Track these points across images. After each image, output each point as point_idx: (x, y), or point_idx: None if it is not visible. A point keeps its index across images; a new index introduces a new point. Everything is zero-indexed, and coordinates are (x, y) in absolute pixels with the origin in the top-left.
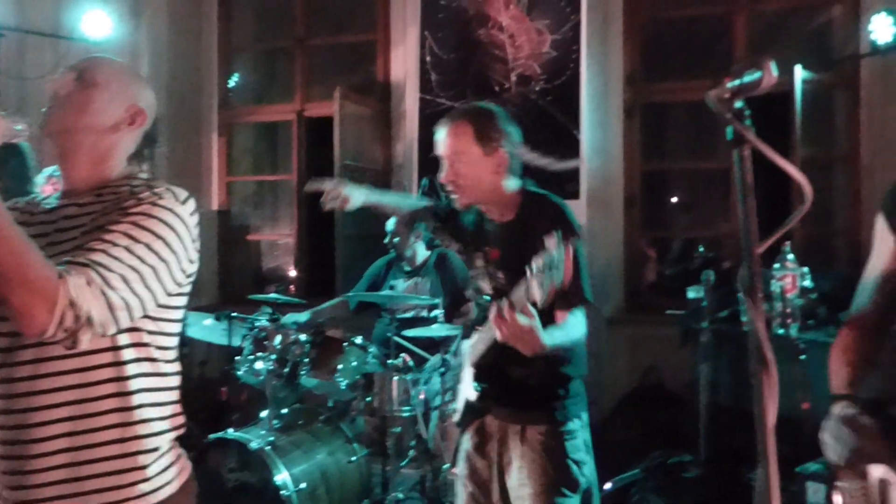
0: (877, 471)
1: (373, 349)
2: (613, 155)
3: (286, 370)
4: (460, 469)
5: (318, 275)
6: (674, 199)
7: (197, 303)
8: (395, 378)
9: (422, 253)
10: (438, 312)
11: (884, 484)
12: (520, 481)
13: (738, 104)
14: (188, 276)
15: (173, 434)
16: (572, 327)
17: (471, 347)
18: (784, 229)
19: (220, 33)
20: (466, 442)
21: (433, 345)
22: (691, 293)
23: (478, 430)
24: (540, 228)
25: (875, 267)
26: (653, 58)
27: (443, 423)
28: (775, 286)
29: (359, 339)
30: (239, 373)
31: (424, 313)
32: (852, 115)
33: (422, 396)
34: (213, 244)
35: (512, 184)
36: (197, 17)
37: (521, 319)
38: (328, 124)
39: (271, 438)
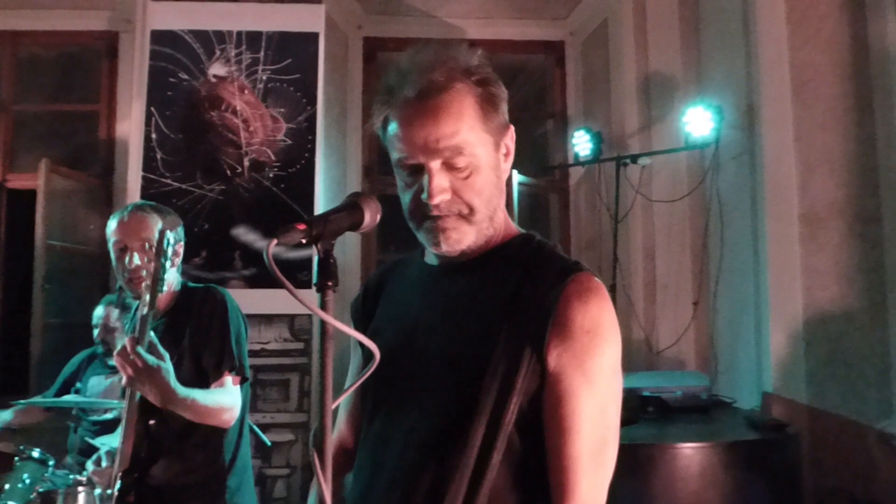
0: None
1: (57, 461)
2: (350, 245)
3: None
4: None
5: (11, 370)
6: None
7: None
8: (82, 494)
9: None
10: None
11: None
12: None
13: (327, 246)
14: None
15: None
16: (217, 392)
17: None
18: (360, 381)
19: None
20: None
21: None
22: None
23: None
24: (194, 319)
25: (351, 378)
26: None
27: None
28: None
29: (36, 452)
30: None
31: None
32: (563, 215)
33: None
34: None
35: (176, 277)
36: None
37: (149, 359)
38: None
39: None
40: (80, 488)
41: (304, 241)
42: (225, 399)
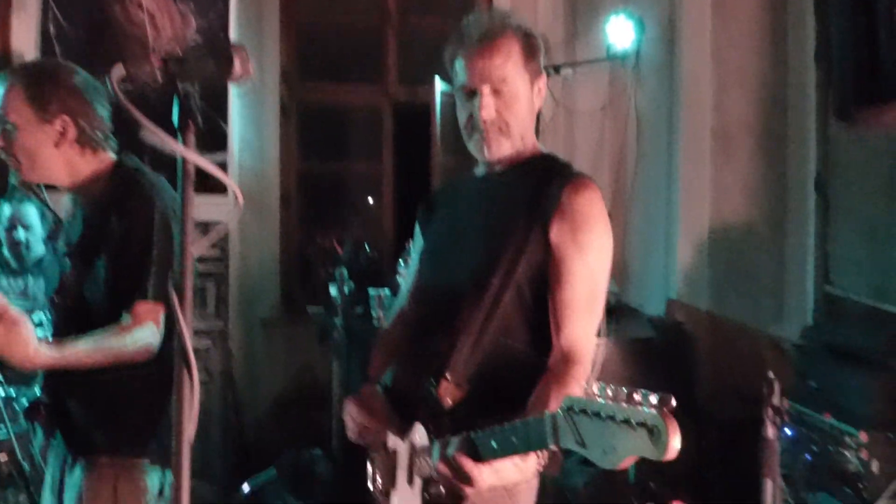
0: (390, 441)
1: None
2: (268, 153)
3: None
4: None
5: None
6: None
7: None
8: None
9: (37, 248)
10: (42, 318)
11: (394, 451)
12: None
13: (187, 86)
14: None
15: None
16: (117, 336)
17: None
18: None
19: None
20: None
21: None
22: (332, 290)
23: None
24: (117, 216)
25: (413, 261)
26: (309, 57)
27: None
28: None
29: None
30: None
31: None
32: None
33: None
34: None
35: (98, 158)
36: None
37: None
38: None
39: None
40: None
41: (159, 75)
42: (125, 340)
